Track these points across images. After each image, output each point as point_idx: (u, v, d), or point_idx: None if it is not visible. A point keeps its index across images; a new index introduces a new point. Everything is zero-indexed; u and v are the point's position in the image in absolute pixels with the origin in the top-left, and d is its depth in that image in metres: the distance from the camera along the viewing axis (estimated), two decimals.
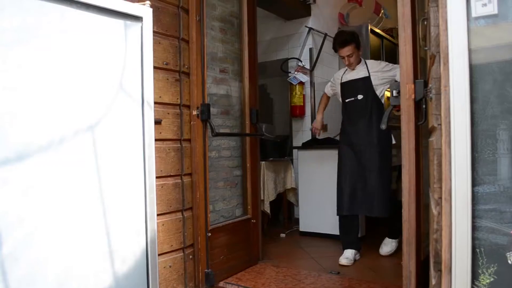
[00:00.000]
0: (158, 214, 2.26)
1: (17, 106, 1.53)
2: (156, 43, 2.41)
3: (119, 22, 1.88)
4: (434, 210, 1.60)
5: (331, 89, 3.78)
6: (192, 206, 2.75)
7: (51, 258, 1.62)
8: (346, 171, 3.48)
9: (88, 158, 1.76)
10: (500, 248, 1.29)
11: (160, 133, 2.50)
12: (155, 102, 2.31)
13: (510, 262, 1.28)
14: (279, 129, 5.14)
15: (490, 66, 1.31)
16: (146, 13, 1.97)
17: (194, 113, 2.76)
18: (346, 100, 3.53)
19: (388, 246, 3.60)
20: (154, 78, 2.07)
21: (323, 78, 5.10)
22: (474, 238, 1.32)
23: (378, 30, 5.59)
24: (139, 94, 1.96)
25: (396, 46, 5.77)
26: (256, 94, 3.47)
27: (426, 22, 1.81)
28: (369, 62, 3.52)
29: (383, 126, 2.30)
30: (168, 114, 2.58)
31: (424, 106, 1.93)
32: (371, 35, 5.39)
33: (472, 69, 1.32)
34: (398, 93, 2.02)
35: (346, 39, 3.38)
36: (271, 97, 5.44)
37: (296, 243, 4.14)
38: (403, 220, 2.02)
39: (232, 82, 3.36)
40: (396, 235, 3.56)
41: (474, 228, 1.32)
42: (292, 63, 5.10)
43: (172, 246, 2.57)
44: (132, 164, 1.93)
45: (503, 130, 1.31)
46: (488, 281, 1.30)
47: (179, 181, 2.66)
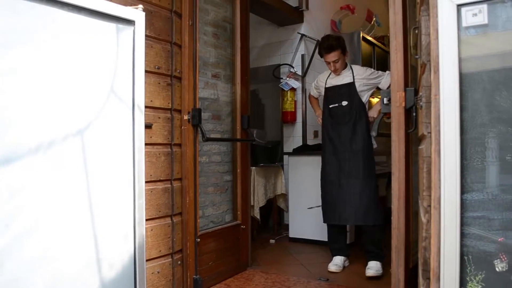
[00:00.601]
0: (147, 219, 2.25)
1: (5, 109, 1.51)
2: (148, 47, 2.40)
3: (111, 25, 1.87)
4: (423, 218, 1.61)
5: (317, 91, 3.73)
6: (181, 211, 2.74)
7: (38, 263, 1.60)
8: (330, 181, 3.40)
9: (77, 162, 1.74)
10: (487, 255, 1.30)
11: (150, 137, 2.49)
12: (146, 106, 2.30)
13: (497, 269, 1.28)
14: (270, 134, 5.14)
15: (480, 75, 1.33)
16: (139, 17, 1.97)
17: (185, 117, 2.75)
18: (330, 105, 3.45)
19: (373, 268, 3.22)
20: (145, 82, 2.06)
21: None
22: (462, 246, 1.33)
23: (369, 38, 5.63)
24: (130, 98, 1.94)
25: (387, 53, 5.81)
26: (247, 99, 3.47)
27: (417, 31, 1.82)
28: (355, 67, 3.46)
29: (374, 134, 2.32)
30: (159, 118, 2.57)
31: (414, 114, 1.94)
32: (363, 43, 5.43)
33: (462, 77, 1.33)
34: (389, 100, 2.04)
35: (332, 45, 3.30)
36: (263, 102, 5.44)
37: (285, 249, 4.13)
38: (392, 227, 2.03)
39: (224, 87, 3.35)
40: (380, 258, 3.27)
41: (463, 235, 1.33)
42: (284, 69, 5.11)
43: (160, 251, 2.56)
44: (121, 168, 1.91)
45: (492, 138, 1.32)
46: None
47: (169, 186, 2.65)
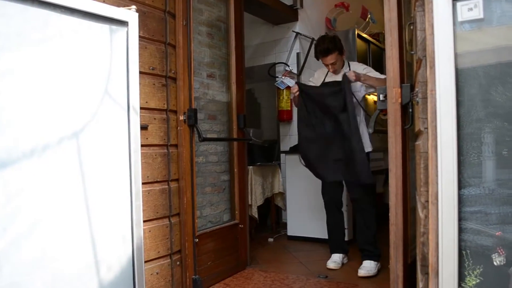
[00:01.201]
0: (144, 221, 2.24)
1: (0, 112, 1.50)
2: (142, 48, 2.39)
3: (104, 27, 1.86)
4: (421, 213, 1.61)
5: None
6: (179, 212, 2.73)
7: (36, 266, 1.59)
8: (317, 138, 3.29)
9: (73, 165, 1.73)
10: (485, 249, 1.30)
11: (146, 138, 2.48)
12: (141, 108, 2.29)
13: (495, 263, 1.28)
14: (267, 133, 5.14)
15: (476, 70, 1.33)
16: (132, 18, 1.96)
17: (181, 118, 2.74)
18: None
19: (364, 268, 3.18)
20: (140, 83, 2.05)
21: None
22: (460, 240, 1.33)
23: (364, 35, 5.63)
24: (125, 99, 1.94)
25: (382, 50, 5.82)
26: (243, 99, 3.46)
27: (412, 27, 1.82)
28: (352, 64, 3.45)
29: (370, 130, 2.32)
30: (154, 119, 2.56)
31: (410, 110, 1.94)
32: (358, 40, 5.43)
33: (458, 73, 1.33)
34: (385, 97, 2.03)
35: (328, 48, 3.23)
36: (259, 101, 5.44)
37: (284, 248, 4.13)
38: (390, 223, 2.03)
39: (219, 87, 3.34)
40: (375, 257, 3.23)
41: (461, 230, 1.33)
42: (279, 68, 5.10)
43: (159, 252, 2.55)
44: (118, 170, 1.91)
45: (488, 133, 1.32)
46: (474, 282, 1.31)
47: (166, 187, 2.64)
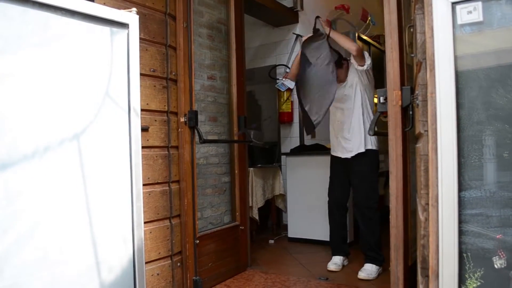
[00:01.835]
0: (145, 222, 2.24)
1: (0, 114, 1.51)
2: (143, 50, 2.39)
3: (105, 29, 1.86)
4: (421, 216, 1.61)
5: None
6: (180, 213, 2.73)
7: (37, 267, 1.59)
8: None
9: (74, 166, 1.73)
10: (486, 252, 1.30)
11: (147, 140, 2.48)
12: (142, 109, 2.30)
13: (496, 266, 1.28)
14: (268, 135, 5.13)
15: (476, 73, 1.33)
16: (133, 20, 1.96)
17: (182, 120, 2.74)
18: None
19: (365, 271, 3.18)
20: (141, 85, 2.05)
21: None
22: (461, 243, 1.32)
23: (365, 37, 5.63)
24: (126, 101, 1.94)
25: (383, 53, 5.81)
26: (244, 100, 3.46)
27: (412, 29, 1.82)
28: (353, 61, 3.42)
29: (371, 133, 2.32)
30: (155, 121, 2.57)
31: (411, 113, 1.94)
32: (358, 42, 5.41)
33: (458, 75, 1.33)
34: (385, 99, 2.03)
35: None
36: (259, 103, 5.44)
37: (284, 249, 4.12)
38: (391, 226, 2.03)
39: (220, 88, 3.35)
40: (378, 261, 3.22)
41: (461, 233, 1.33)
42: (280, 70, 5.11)
43: (160, 253, 2.55)
44: (119, 171, 1.91)
45: (489, 136, 1.32)
46: (475, 285, 1.31)
47: (167, 188, 2.64)
